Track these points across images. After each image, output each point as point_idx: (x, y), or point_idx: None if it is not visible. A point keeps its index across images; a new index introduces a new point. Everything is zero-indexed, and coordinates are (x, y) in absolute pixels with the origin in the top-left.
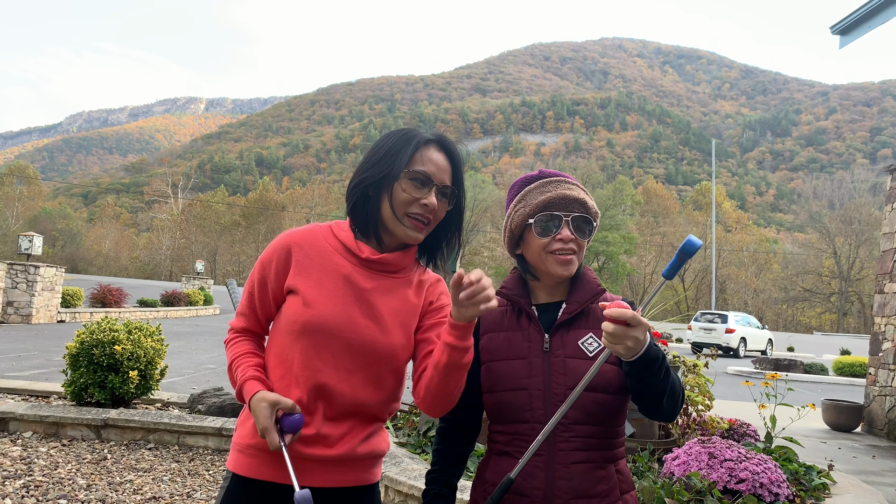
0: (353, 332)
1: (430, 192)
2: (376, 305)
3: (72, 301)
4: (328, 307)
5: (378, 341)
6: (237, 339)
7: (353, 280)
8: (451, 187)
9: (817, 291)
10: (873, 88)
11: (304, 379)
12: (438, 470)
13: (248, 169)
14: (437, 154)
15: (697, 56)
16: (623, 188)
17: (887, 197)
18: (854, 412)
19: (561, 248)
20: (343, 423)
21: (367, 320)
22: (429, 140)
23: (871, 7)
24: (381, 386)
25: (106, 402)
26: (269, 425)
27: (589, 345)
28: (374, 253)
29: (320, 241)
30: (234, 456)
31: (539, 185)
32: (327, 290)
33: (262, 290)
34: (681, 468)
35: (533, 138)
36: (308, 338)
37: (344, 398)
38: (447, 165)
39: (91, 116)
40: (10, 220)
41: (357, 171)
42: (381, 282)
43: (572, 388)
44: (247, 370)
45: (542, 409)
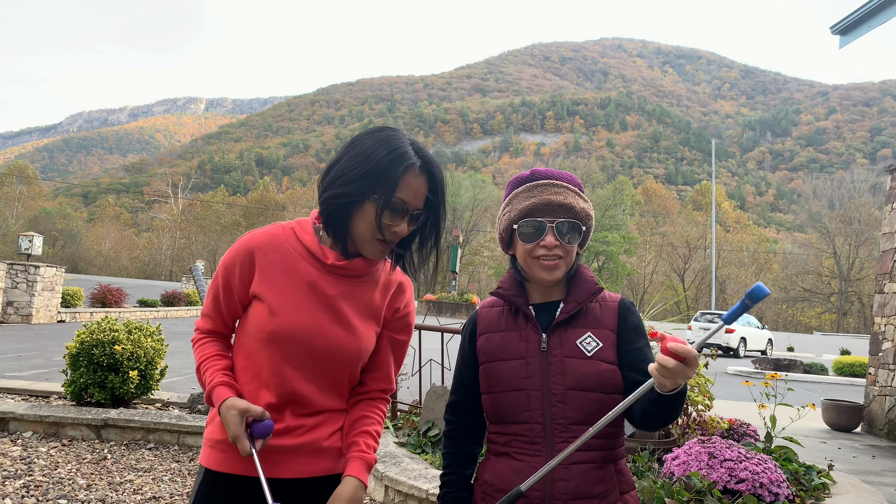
0: (321, 340)
1: (404, 221)
2: (342, 310)
3: (72, 301)
4: (294, 316)
5: (345, 346)
6: (204, 340)
7: (318, 287)
8: (422, 210)
9: (817, 291)
10: (873, 88)
11: (274, 385)
12: (453, 472)
13: (248, 169)
14: (418, 179)
15: (697, 56)
16: (623, 188)
17: (887, 197)
18: (854, 412)
19: (545, 254)
20: (314, 418)
21: (335, 326)
22: (413, 165)
23: (871, 7)
24: (346, 385)
25: (106, 402)
26: (240, 433)
27: (587, 344)
28: (340, 259)
29: (284, 246)
30: (206, 451)
31: (526, 188)
32: (293, 298)
33: (227, 294)
34: (681, 468)
35: (533, 138)
36: (276, 346)
37: (314, 402)
38: (424, 190)
39: (91, 116)
40: (10, 220)
41: (335, 178)
42: (347, 286)
43: (570, 388)
44: (215, 375)
45: (541, 410)
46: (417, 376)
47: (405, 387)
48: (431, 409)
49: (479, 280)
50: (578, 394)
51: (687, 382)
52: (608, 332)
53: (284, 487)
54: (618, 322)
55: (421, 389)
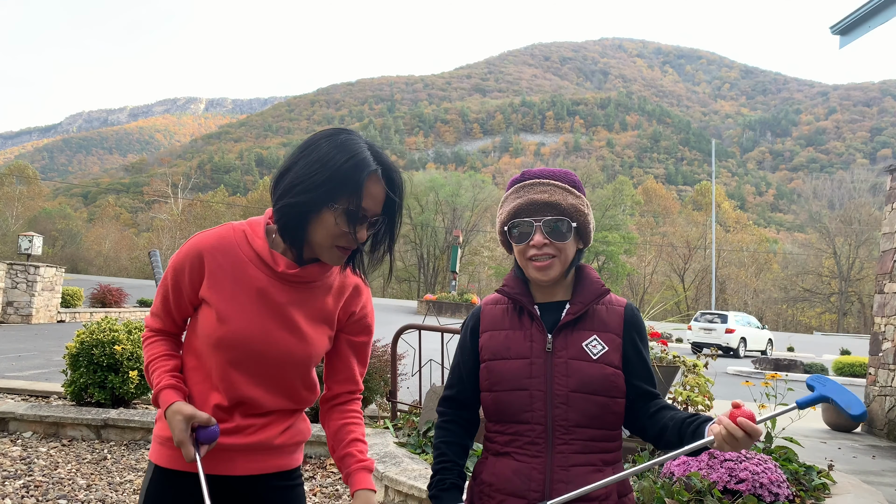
0: (270, 346)
1: (363, 227)
2: (293, 317)
3: (72, 301)
4: (243, 323)
5: (295, 352)
6: (154, 339)
7: (268, 294)
8: (379, 215)
9: (817, 291)
10: (873, 88)
11: (223, 389)
12: (449, 460)
13: (248, 169)
14: (377, 185)
15: (697, 56)
16: (623, 188)
17: (887, 197)
18: None
19: (536, 254)
20: (263, 418)
21: (284, 332)
22: (374, 172)
23: (871, 7)
24: (297, 388)
25: (106, 402)
26: (185, 438)
27: (593, 347)
28: (291, 266)
29: (234, 250)
30: (156, 448)
31: (514, 189)
32: (241, 304)
33: (176, 296)
34: (681, 468)
35: (533, 138)
36: (223, 352)
37: (263, 404)
38: (383, 196)
39: (91, 116)
40: (10, 220)
41: (292, 185)
42: (297, 293)
43: (574, 391)
44: (163, 377)
45: (543, 411)
46: (417, 376)
47: (405, 387)
48: (431, 409)
49: (479, 280)
50: (582, 396)
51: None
52: (613, 336)
53: (235, 484)
54: (624, 328)
55: (421, 389)
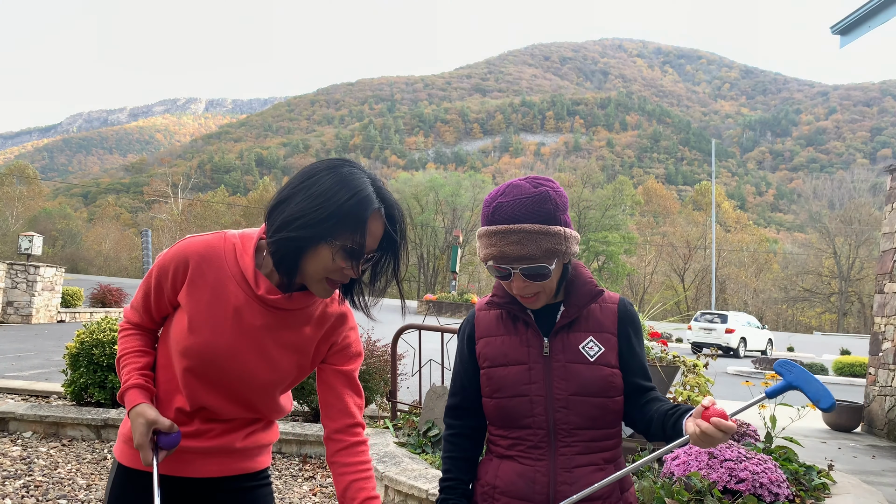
0: (235, 365)
1: (358, 264)
2: (264, 342)
3: (72, 301)
4: (212, 338)
5: (259, 377)
6: (130, 332)
7: (243, 314)
8: (374, 253)
9: (817, 291)
10: (873, 88)
11: (186, 394)
12: (453, 478)
13: (248, 169)
14: (378, 223)
15: (697, 56)
16: (623, 188)
17: (887, 197)
18: (854, 412)
19: (519, 294)
20: (225, 424)
21: (254, 355)
22: (378, 210)
23: (871, 7)
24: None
25: (106, 402)
26: (144, 442)
27: (590, 349)
28: (272, 291)
29: (220, 262)
30: (120, 446)
31: (486, 233)
32: (215, 318)
33: (157, 294)
34: (681, 468)
35: (533, 138)
36: (188, 361)
37: (224, 413)
38: (381, 232)
39: (91, 116)
40: (10, 220)
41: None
42: (274, 318)
43: (574, 394)
44: (132, 374)
45: (544, 416)
46: (417, 376)
47: (405, 387)
48: (431, 409)
49: (479, 280)
50: (582, 399)
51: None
52: (609, 336)
53: (194, 485)
54: (618, 325)
55: (421, 389)
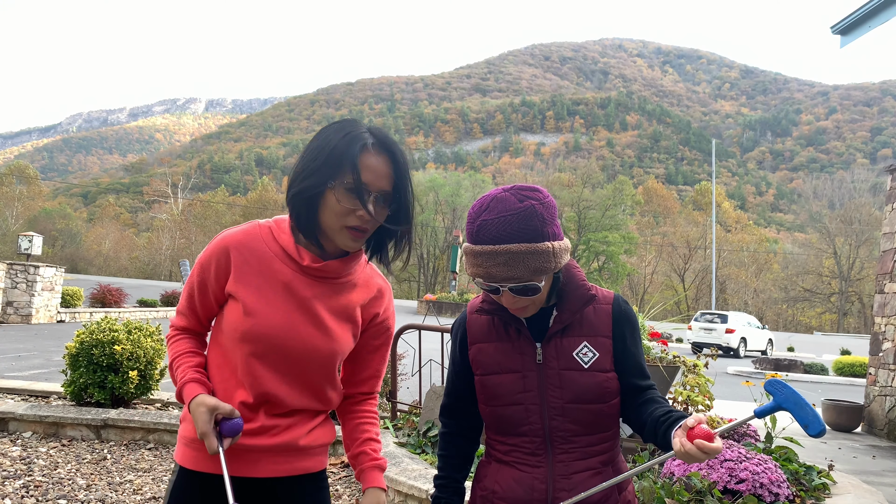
0: (295, 341)
1: (368, 203)
2: (318, 312)
3: (72, 301)
4: (269, 317)
5: (320, 347)
6: (178, 337)
7: (293, 288)
8: (390, 192)
9: (817, 291)
10: (873, 88)
11: (248, 384)
12: (445, 476)
13: (248, 169)
14: (375, 158)
15: (697, 56)
16: (623, 188)
17: (887, 197)
18: (854, 412)
19: (510, 307)
20: (288, 418)
21: (310, 328)
22: (366, 144)
23: (871, 7)
24: (322, 387)
25: (106, 402)
26: (208, 430)
27: (584, 355)
28: (316, 260)
29: (260, 245)
30: (181, 449)
31: (471, 253)
32: (268, 298)
33: (202, 293)
34: (681, 468)
35: (533, 138)
36: (250, 346)
37: (288, 402)
38: (387, 169)
39: (91, 116)
40: (10, 220)
41: (297, 175)
42: (323, 288)
43: (570, 402)
44: (187, 371)
45: (540, 423)
46: (417, 376)
47: (405, 387)
48: (431, 409)
49: None
50: (577, 407)
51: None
52: (604, 339)
53: (259, 486)
54: (613, 327)
55: (421, 389)
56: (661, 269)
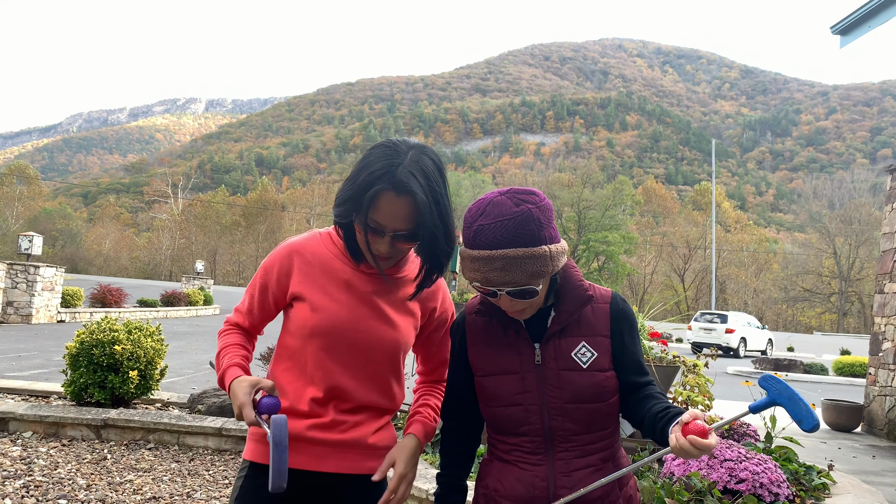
0: (361, 333)
1: (383, 241)
2: (379, 305)
3: (72, 301)
4: (335, 310)
5: (384, 338)
6: (230, 331)
7: (354, 284)
8: (409, 230)
9: (817, 291)
10: (873, 88)
11: (318, 378)
12: (447, 474)
13: (248, 169)
14: (395, 201)
15: (697, 56)
16: (623, 188)
17: (887, 197)
18: (854, 412)
19: (508, 310)
20: (356, 415)
21: (374, 320)
22: (386, 186)
23: (871, 7)
24: (387, 380)
25: (106, 402)
26: (247, 401)
27: (582, 355)
28: (369, 268)
29: (320, 248)
30: (250, 446)
31: (469, 258)
32: (332, 294)
33: (262, 295)
34: (681, 468)
35: (533, 138)
36: (318, 341)
37: (357, 396)
38: (405, 211)
39: (91, 116)
40: (10, 220)
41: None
42: (380, 283)
43: (569, 402)
44: (233, 358)
45: (539, 423)
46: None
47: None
48: None
49: None
50: (576, 406)
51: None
52: (602, 339)
53: (324, 482)
54: (611, 325)
55: None
56: (661, 269)
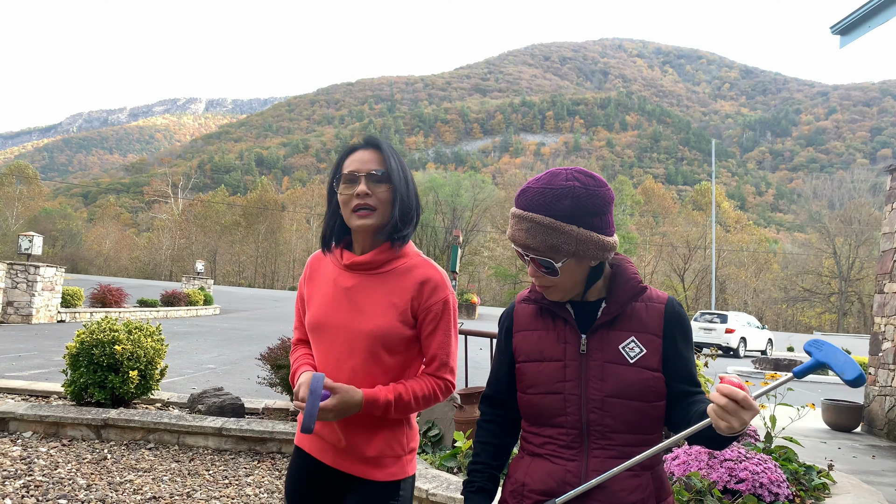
0: (339, 325)
1: (359, 184)
2: (356, 299)
3: (72, 301)
4: (320, 307)
5: (361, 328)
6: (295, 349)
7: (338, 282)
8: (381, 171)
9: (817, 291)
10: (873, 88)
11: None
12: (481, 462)
13: (248, 169)
14: (362, 153)
15: (697, 56)
16: (623, 188)
17: (887, 197)
18: (854, 412)
19: (534, 280)
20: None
21: (350, 313)
22: (353, 147)
23: (871, 7)
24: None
25: (106, 402)
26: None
27: (630, 350)
28: (350, 258)
29: (326, 258)
30: (298, 434)
31: (511, 213)
32: (321, 294)
33: (301, 305)
34: (681, 468)
35: (533, 138)
36: (312, 334)
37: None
38: (373, 156)
39: (91, 116)
40: (10, 220)
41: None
42: (362, 279)
43: (610, 396)
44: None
45: (577, 415)
46: None
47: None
48: (431, 409)
49: (479, 280)
50: (618, 402)
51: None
52: (653, 337)
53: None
54: (664, 327)
55: None
56: (661, 269)
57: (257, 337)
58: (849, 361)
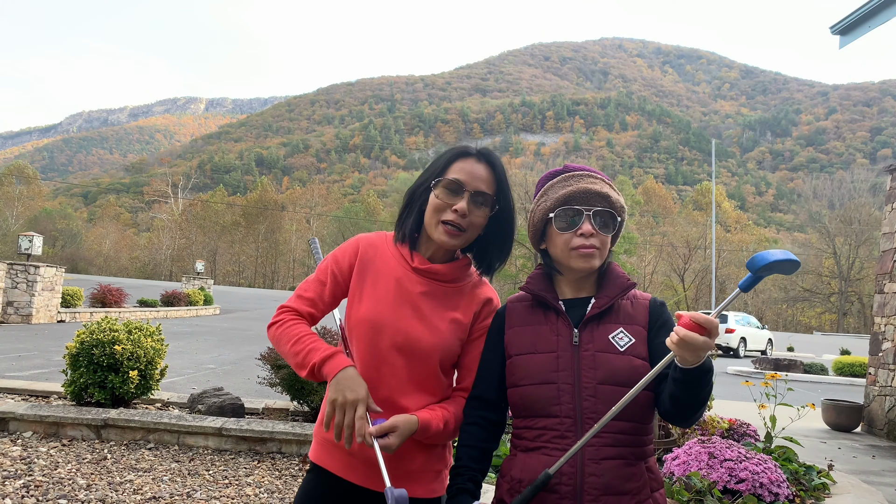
0: (399, 329)
1: (462, 198)
2: (423, 307)
3: (72, 301)
4: (378, 305)
5: (423, 339)
6: (297, 320)
7: (403, 283)
8: (487, 194)
9: (817, 291)
10: (873, 88)
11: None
12: (463, 466)
13: (248, 169)
14: (475, 165)
15: (697, 56)
16: (623, 188)
17: (887, 197)
18: (854, 412)
19: (582, 243)
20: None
21: (415, 320)
22: (467, 152)
23: (871, 7)
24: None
25: (106, 402)
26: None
27: (619, 339)
28: (423, 262)
29: (382, 247)
30: (316, 448)
31: (562, 178)
32: (379, 290)
33: (333, 281)
34: (681, 468)
35: (533, 138)
36: (362, 331)
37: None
38: (486, 175)
39: (91, 116)
40: (10, 220)
41: (411, 187)
42: (431, 287)
43: (602, 382)
44: (328, 347)
45: (571, 404)
46: None
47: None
48: None
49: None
50: (610, 388)
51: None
52: (640, 329)
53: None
54: (649, 319)
55: None
56: (661, 269)
57: (257, 337)
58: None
